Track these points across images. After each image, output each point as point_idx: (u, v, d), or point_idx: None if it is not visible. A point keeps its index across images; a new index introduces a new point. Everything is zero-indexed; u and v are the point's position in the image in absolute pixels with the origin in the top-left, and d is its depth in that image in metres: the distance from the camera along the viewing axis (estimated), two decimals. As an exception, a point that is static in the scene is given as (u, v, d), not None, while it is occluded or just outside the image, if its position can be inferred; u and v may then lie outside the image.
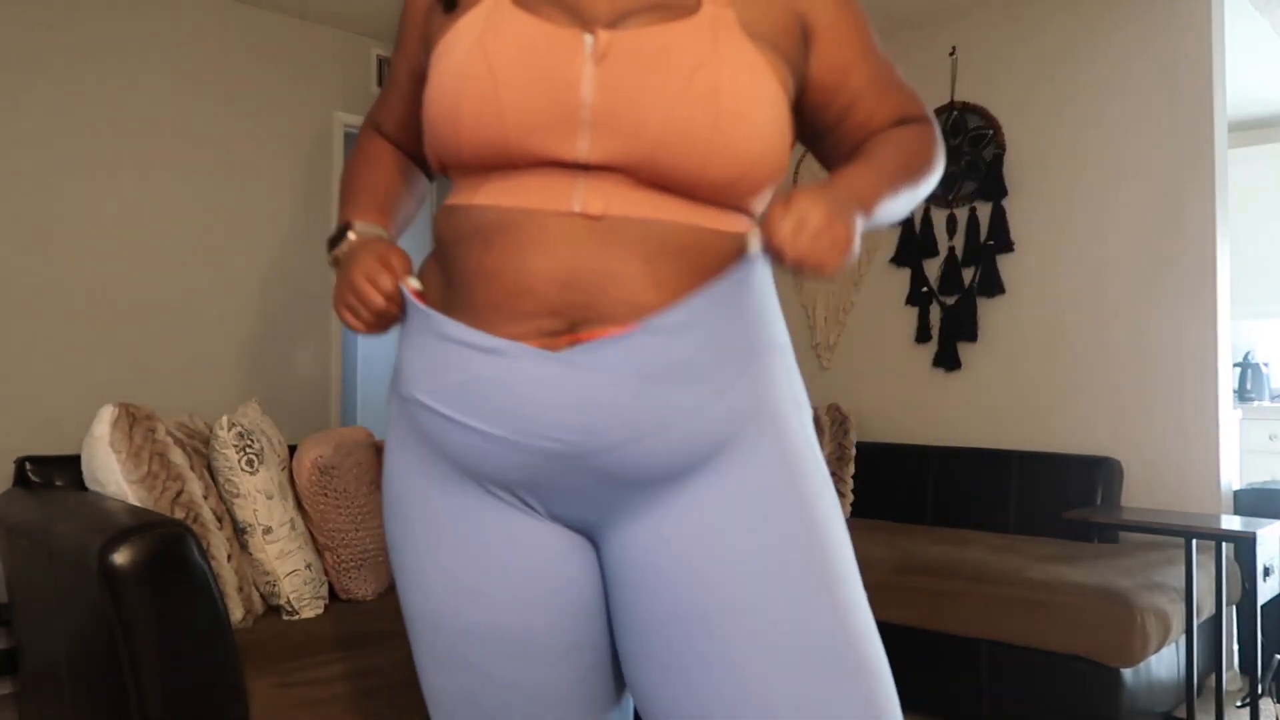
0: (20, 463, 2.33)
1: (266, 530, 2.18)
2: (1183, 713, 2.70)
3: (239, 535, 2.19)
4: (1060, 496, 3.20)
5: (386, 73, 1.21)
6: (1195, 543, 2.48)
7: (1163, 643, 2.47)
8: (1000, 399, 3.52)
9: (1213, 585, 2.77)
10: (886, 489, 3.63)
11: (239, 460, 2.16)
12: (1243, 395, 4.87)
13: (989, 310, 3.55)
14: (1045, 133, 3.43)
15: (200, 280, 3.37)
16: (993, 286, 3.50)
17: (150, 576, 1.68)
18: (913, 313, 3.75)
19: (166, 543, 1.71)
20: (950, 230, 3.62)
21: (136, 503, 2.02)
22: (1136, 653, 2.38)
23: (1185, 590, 2.49)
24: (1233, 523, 2.43)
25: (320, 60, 3.69)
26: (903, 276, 3.78)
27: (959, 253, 3.60)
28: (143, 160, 3.24)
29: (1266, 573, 2.46)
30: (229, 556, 2.12)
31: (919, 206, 3.71)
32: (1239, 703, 2.80)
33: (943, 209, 3.66)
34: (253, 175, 3.51)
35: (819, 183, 0.96)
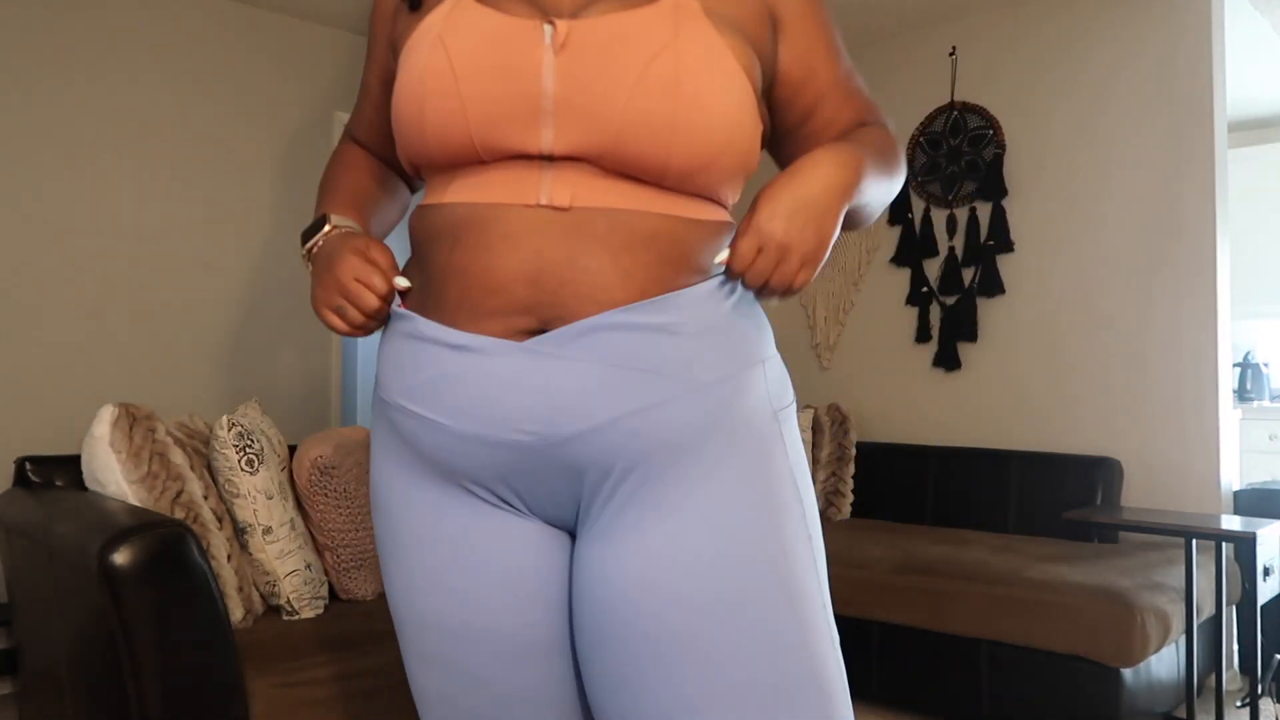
0: (20, 463, 2.33)
1: (266, 530, 2.18)
2: (1183, 713, 2.70)
3: (239, 535, 2.19)
4: (1060, 496, 3.20)
5: (360, 83, 1.21)
6: (1195, 543, 2.48)
7: (1163, 643, 2.47)
8: (1000, 399, 3.52)
9: (1213, 585, 2.77)
10: (886, 489, 3.63)
11: (239, 460, 2.16)
12: (1243, 395, 4.87)
13: (989, 310, 3.55)
14: (1045, 132, 3.43)
15: (200, 280, 3.37)
16: (993, 286, 3.50)
17: (150, 576, 1.68)
18: (913, 313, 3.75)
19: (166, 543, 1.71)
20: (950, 230, 3.62)
21: (136, 503, 2.02)
22: (1136, 653, 2.38)
23: (1185, 590, 2.49)
24: (1233, 523, 2.43)
25: (320, 60, 3.69)
26: (903, 276, 3.78)
27: (959, 253, 3.60)
28: (143, 160, 3.24)
29: (1266, 573, 2.46)
30: (229, 556, 2.12)
31: (919, 207, 3.71)
32: (1239, 703, 2.80)
33: (943, 209, 3.66)
34: (253, 175, 3.51)
35: (795, 168, 0.93)
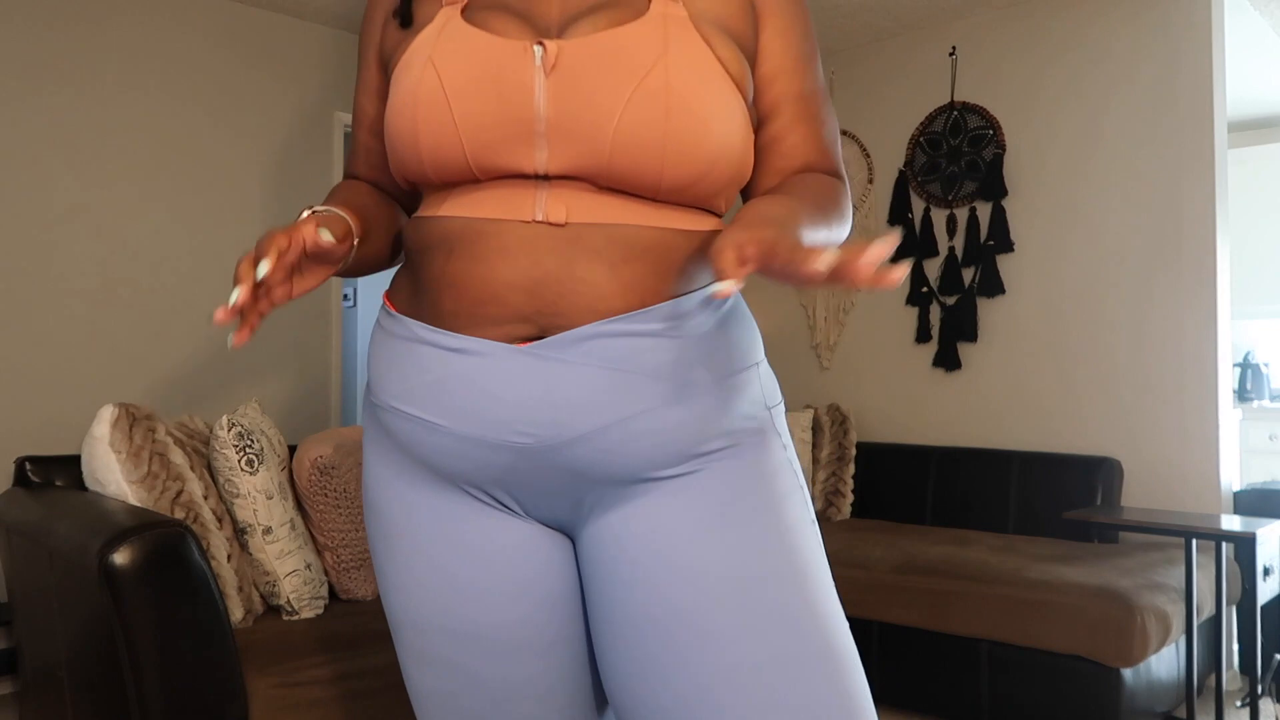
0: (20, 463, 2.33)
1: (266, 530, 2.18)
2: (1183, 713, 2.70)
3: (239, 535, 2.19)
4: (1060, 496, 3.20)
5: (353, 119, 1.18)
6: (1195, 543, 2.48)
7: (1163, 643, 2.47)
8: (1000, 399, 3.52)
9: (1213, 585, 2.77)
10: (886, 489, 3.63)
11: (239, 460, 2.16)
12: (1243, 395, 4.87)
13: (989, 310, 3.55)
14: (1045, 133, 3.43)
15: (200, 280, 3.37)
16: (993, 286, 3.50)
17: (150, 576, 1.68)
18: (913, 313, 3.75)
19: (166, 543, 1.71)
20: (950, 230, 3.62)
21: (136, 503, 2.02)
22: (1136, 653, 2.38)
23: (1185, 590, 2.49)
24: (1233, 523, 2.43)
25: (320, 60, 3.69)
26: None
27: (959, 253, 3.60)
28: (142, 160, 3.24)
29: (1266, 573, 2.46)
30: (229, 556, 2.12)
31: (919, 207, 3.71)
32: (1239, 703, 2.80)
33: (943, 209, 3.66)
34: (252, 175, 3.51)
35: (733, 221, 0.89)
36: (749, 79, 1.00)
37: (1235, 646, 3.14)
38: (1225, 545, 2.63)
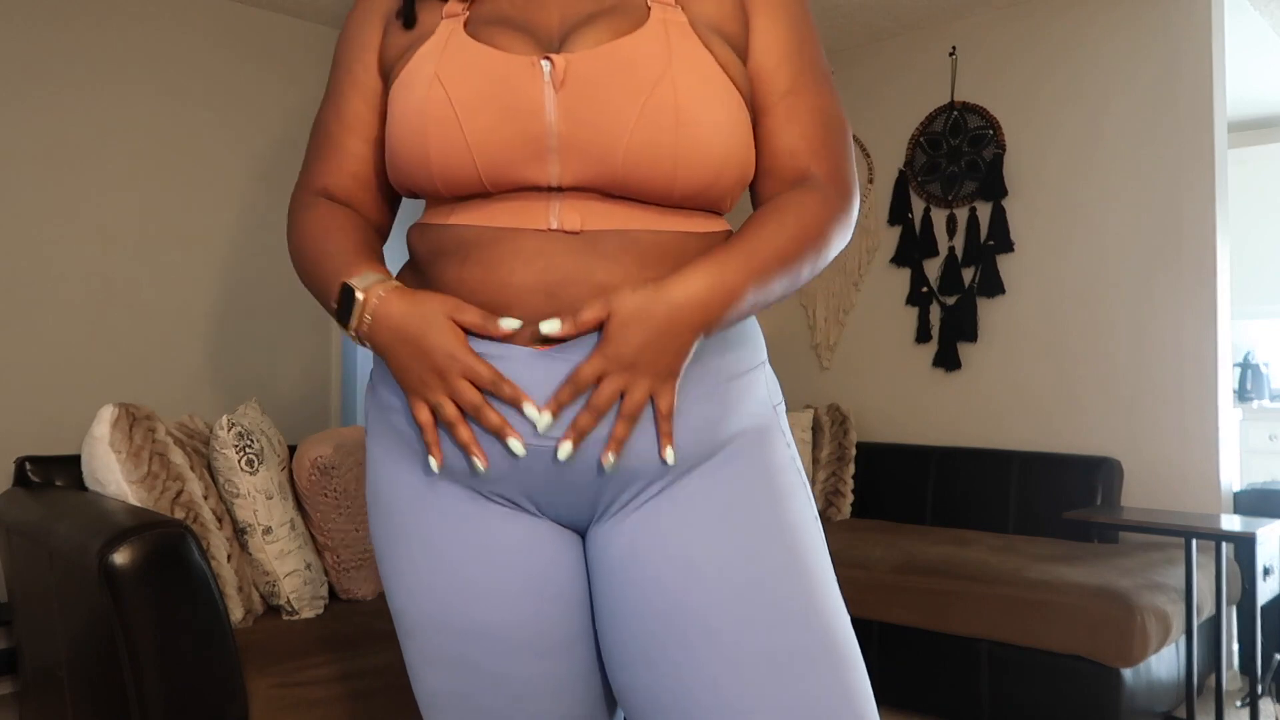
0: (20, 463, 2.33)
1: (266, 530, 2.18)
2: (1183, 713, 2.70)
3: (239, 535, 2.19)
4: (1060, 496, 3.20)
5: (325, 124, 1.08)
6: (1195, 543, 2.48)
7: (1163, 643, 2.47)
8: (1000, 399, 3.52)
9: (1213, 585, 2.77)
10: (886, 489, 3.63)
11: (239, 460, 2.16)
12: (1243, 395, 4.87)
13: (989, 310, 3.55)
14: (1045, 133, 3.43)
15: (201, 280, 3.37)
16: (993, 286, 3.50)
17: (150, 576, 1.68)
18: (913, 313, 3.75)
19: (166, 543, 1.71)
20: (950, 230, 3.62)
21: (136, 503, 2.02)
22: (1136, 653, 2.38)
23: (1185, 590, 2.49)
24: (1233, 523, 2.43)
25: (320, 60, 3.69)
26: (903, 276, 3.78)
27: (959, 253, 3.60)
28: (142, 160, 3.24)
29: (1266, 573, 2.46)
30: (229, 556, 2.12)
31: (919, 207, 3.71)
32: (1239, 703, 2.80)
33: (943, 209, 3.66)
34: (253, 175, 3.51)
35: (667, 281, 0.90)
36: (746, 80, 1.00)
37: (1235, 646, 3.14)
38: (1225, 545, 2.63)
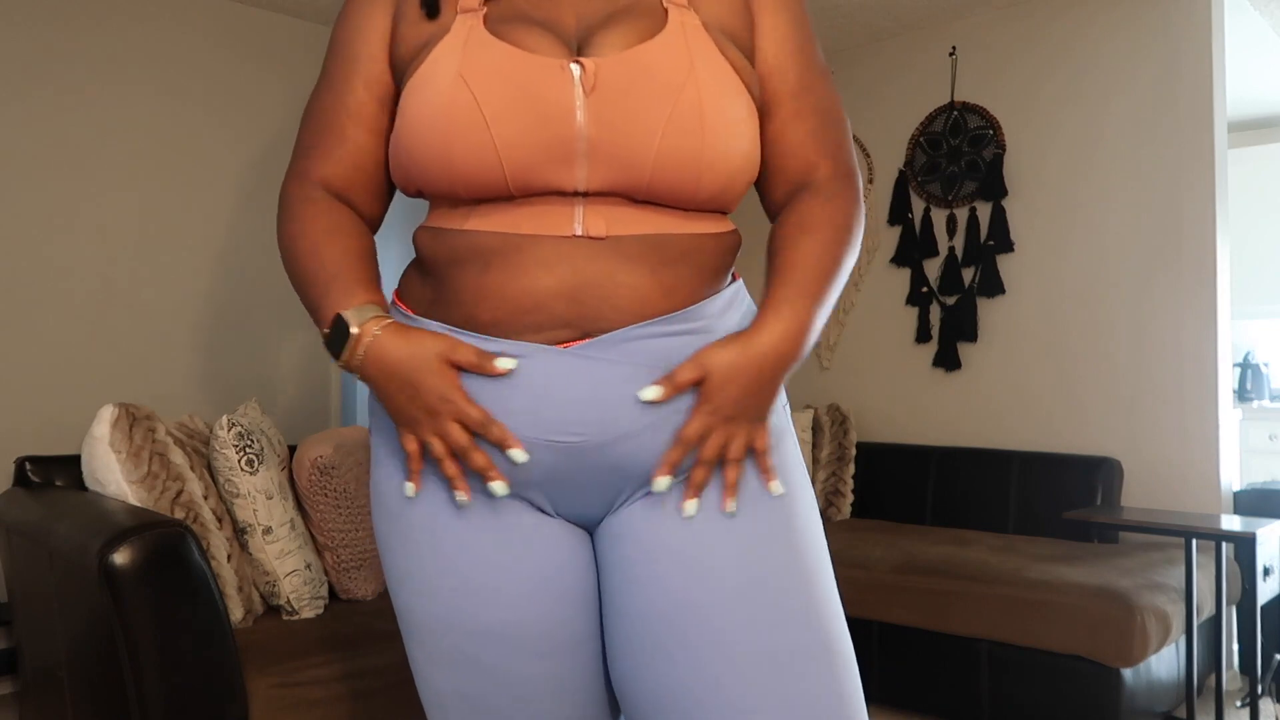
0: (20, 463, 2.33)
1: (266, 530, 2.18)
2: (1183, 713, 2.70)
3: (239, 535, 2.19)
4: (1060, 496, 3.20)
5: (323, 111, 1.05)
6: (1195, 543, 2.48)
7: (1163, 643, 2.47)
8: (1000, 399, 3.52)
9: (1213, 585, 2.77)
10: (886, 489, 3.63)
11: (239, 460, 2.16)
12: (1243, 395, 4.87)
13: (989, 310, 3.55)
14: (1045, 133, 3.43)
15: (200, 280, 3.37)
16: (993, 286, 3.50)
17: (150, 576, 1.68)
18: (913, 313, 3.75)
19: (166, 543, 1.71)
20: (950, 230, 3.62)
21: (136, 503, 2.02)
22: (1136, 653, 2.38)
23: (1185, 590, 2.49)
24: (1233, 523, 2.43)
25: (320, 60, 3.69)
26: (903, 276, 3.78)
27: (959, 253, 3.60)
28: (143, 160, 3.24)
29: (1266, 573, 2.46)
30: (229, 556, 2.12)
31: (919, 207, 3.71)
32: (1239, 703, 2.80)
33: (943, 209, 3.66)
34: (253, 174, 3.51)
35: (748, 337, 0.94)
36: (755, 81, 1.02)
37: (1235, 646, 3.14)
38: (1225, 545, 2.63)
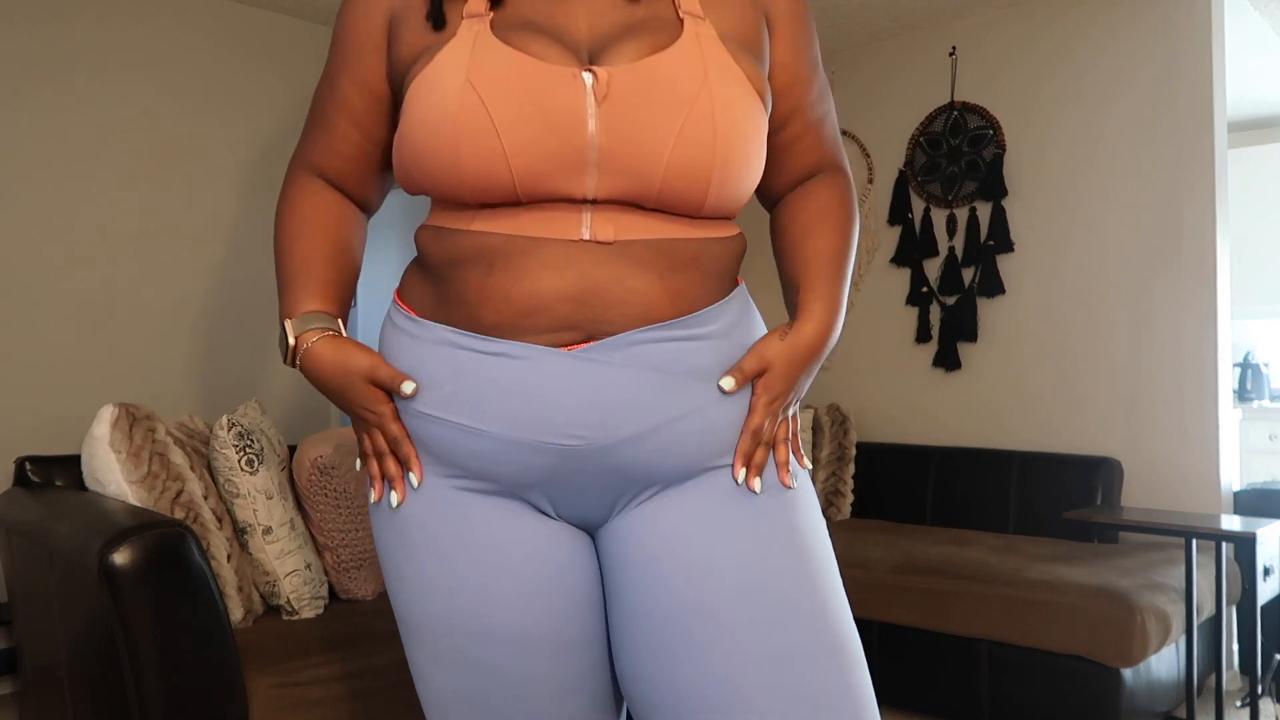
0: (20, 463, 2.33)
1: (266, 530, 2.18)
2: (1183, 713, 2.70)
3: (239, 535, 2.19)
4: (1060, 496, 3.20)
5: (320, 100, 1.07)
6: (1195, 543, 2.48)
7: (1163, 643, 2.47)
8: (1000, 399, 3.52)
9: (1213, 585, 2.77)
10: (886, 489, 3.63)
11: (239, 460, 2.16)
12: (1243, 395, 4.87)
13: (989, 310, 3.55)
14: (1045, 133, 3.43)
15: (200, 280, 3.37)
16: (993, 286, 3.50)
17: (150, 576, 1.68)
18: (913, 313, 3.75)
19: (166, 543, 1.71)
20: (950, 230, 3.62)
21: (136, 503, 2.02)
22: (1136, 653, 2.38)
23: (1185, 590, 2.49)
24: (1233, 523, 2.43)
25: (319, 60, 3.69)
26: (903, 276, 3.78)
27: (959, 253, 3.60)
28: (143, 160, 3.24)
29: (1266, 573, 2.46)
30: (229, 556, 2.12)
31: (919, 207, 3.71)
32: (1239, 703, 2.80)
33: (943, 209, 3.66)
34: (253, 174, 3.51)
35: (799, 329, 1.02)
36: (768, 91, 1.02)
37: (1235, 646, 3.14)
38: (1225, 545, 2.63)
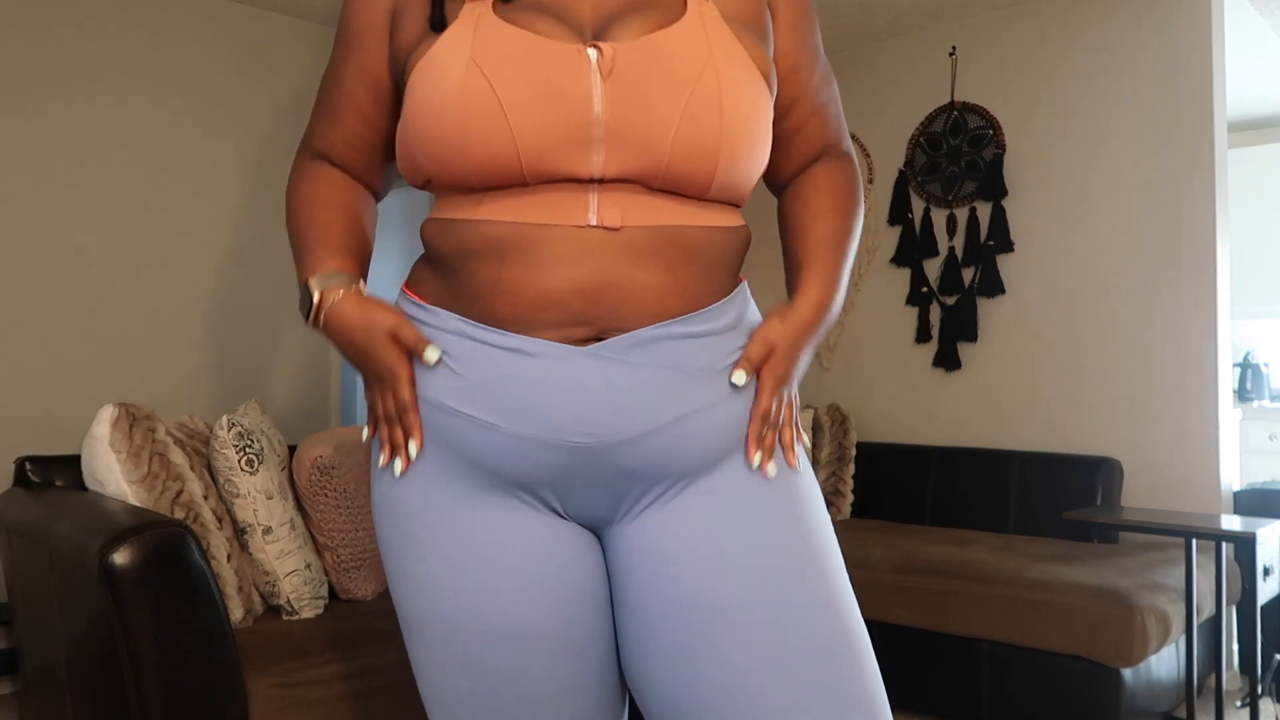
0: (20, 463, 2.33)
1: (266, 530, 2.18)
2: (1183, 713, 2.70)
3: (239, 535, 2.19)
4: (1060, 496, 3.20)
5: (326, 88, 1.09)
6: (1195, 543, 2.48)
7: (1163, 643, 2.47)
8: (1000, 399, 3.52)
9: (1213, 585, 2.77)
10: (886, 489, 3.63)
11: (239, 460, 2.16)
12: (1243, 395, 4.87)
13: (989, 310, 3.55)
14: (1045, 133, 3.43)
15: (200, 280, 3.37)
16: (993, 286, 3.50)
17: (150, 576, 1.68)
18: (913, 313, 3.75)
19: (166, 543, 1.71)
20: (950, 230, 3.62)
21: (136, 503, 2.02)
22: (1136, 653, 2.38)
23: (1185, 590, 2.49)
24: (1233, 523, 2.43)
25: (318, 60, 3.69)
26: (903, 276, 3.78)
27: (959, 253, 3.60)
28: (142, 160, 3.24)
29: (1266, 573, 2.46)
30: (229, 556, 2.12)
31: (919, 207, 3.71)
32: (1239, 703, 2.80)
33: (943, 209, 3.66)
34: (253, 174, 3.51)
35: (797, 308, 1.01)
36: (774, 74, 1.02)
37: (1235, 646, 3.14)
38: (1225, 545, 2.63)
